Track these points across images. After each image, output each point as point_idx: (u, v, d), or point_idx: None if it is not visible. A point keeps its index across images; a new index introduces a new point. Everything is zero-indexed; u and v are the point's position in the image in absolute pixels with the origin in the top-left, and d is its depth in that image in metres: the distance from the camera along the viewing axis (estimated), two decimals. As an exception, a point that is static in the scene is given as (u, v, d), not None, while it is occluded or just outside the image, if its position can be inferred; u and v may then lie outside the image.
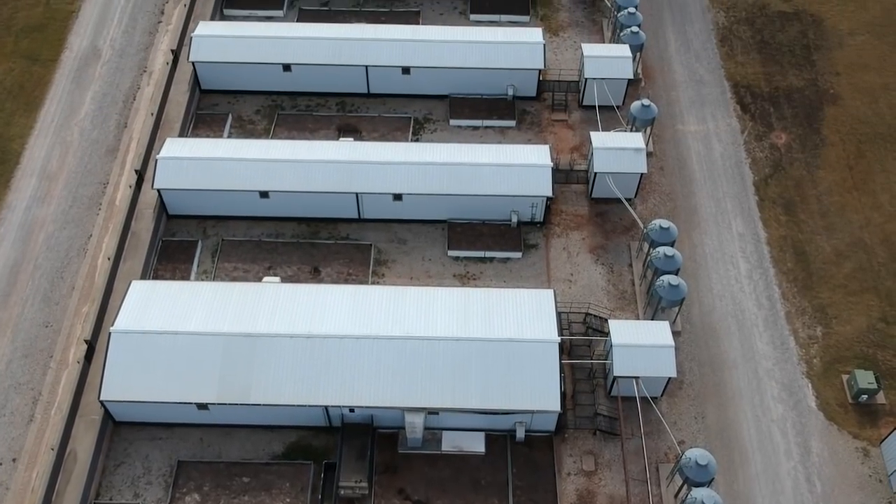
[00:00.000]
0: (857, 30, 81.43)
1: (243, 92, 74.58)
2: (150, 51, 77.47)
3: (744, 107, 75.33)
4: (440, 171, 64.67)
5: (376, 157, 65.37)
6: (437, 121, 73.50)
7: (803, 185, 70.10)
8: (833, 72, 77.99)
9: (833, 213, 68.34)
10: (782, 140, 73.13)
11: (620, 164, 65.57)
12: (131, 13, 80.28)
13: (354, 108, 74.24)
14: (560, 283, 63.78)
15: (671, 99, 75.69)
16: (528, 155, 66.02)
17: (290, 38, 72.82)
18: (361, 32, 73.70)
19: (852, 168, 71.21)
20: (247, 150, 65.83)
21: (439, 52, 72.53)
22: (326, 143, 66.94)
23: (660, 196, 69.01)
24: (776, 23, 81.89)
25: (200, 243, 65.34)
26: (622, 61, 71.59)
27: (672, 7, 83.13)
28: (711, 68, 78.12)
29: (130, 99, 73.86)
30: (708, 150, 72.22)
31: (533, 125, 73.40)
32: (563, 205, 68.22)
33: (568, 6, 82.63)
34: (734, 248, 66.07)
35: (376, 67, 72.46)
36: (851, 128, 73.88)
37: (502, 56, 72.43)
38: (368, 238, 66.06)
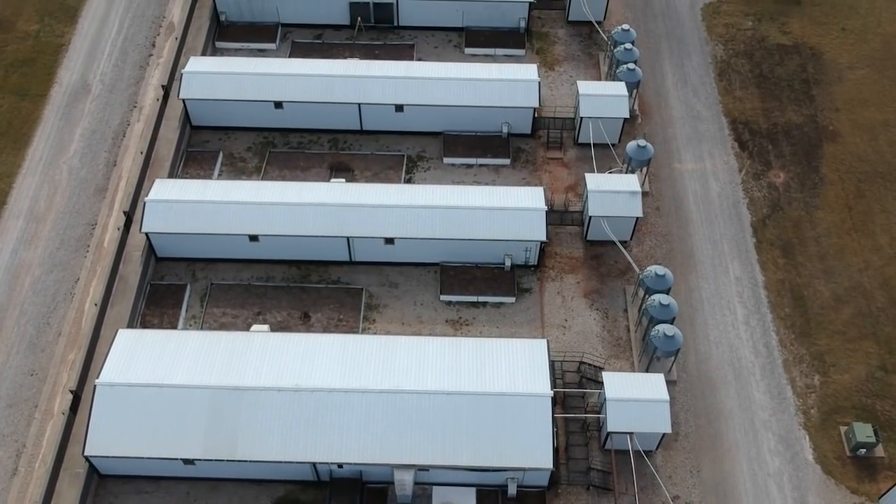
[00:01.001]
0: (857, 63, 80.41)
1: (235, 128, 73.65)
2: (141, 85, 76.52)
3: (742, 144, 74.34)
4: (432, 214, 63.69)
5: (368, 199, 64.41)
6: (430, 158, 72.52)
7: (802, 226, 69.08)
8: (832, 107, 76.97)
9: (832, 255, 67.32)
10: (780, 179, 72.12)
11: (615, 208, 64.55)
12: (122, 46, 79.35)
13: (347, 144, 73.28)
14: (554, 329, 62.79)
15: (668, 136, 74.69)
16: (522, 198, 65.03)
17: (282, 75, 71.88)
18: (354, 69, 72.77)
19: (851, 208, 70.18)
20: (236, 192, 64.89)
21: (433, 90, 71.57)
22: (317, 184, 65.99)
23: (656, 238, 68.00)
24: (775, 56, 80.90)
25: (189, 287, 64.38)
26: (618, 100, 70.59)
27: (670, 39, 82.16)
28: (709, 104, 77.11)
29: (120, 136, 72.91)
30: (705, 190, 71.21)
31: (528, 163, 72.43)
32: (558, 247, 67.23)
33: (564, 39, 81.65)
34: (731, 293, 65.05)
35: (369, 105, 71.52)
36: (851, 166, 72.86)
37: (497, 94, 71.47)
38: (360, 282, 65.11)
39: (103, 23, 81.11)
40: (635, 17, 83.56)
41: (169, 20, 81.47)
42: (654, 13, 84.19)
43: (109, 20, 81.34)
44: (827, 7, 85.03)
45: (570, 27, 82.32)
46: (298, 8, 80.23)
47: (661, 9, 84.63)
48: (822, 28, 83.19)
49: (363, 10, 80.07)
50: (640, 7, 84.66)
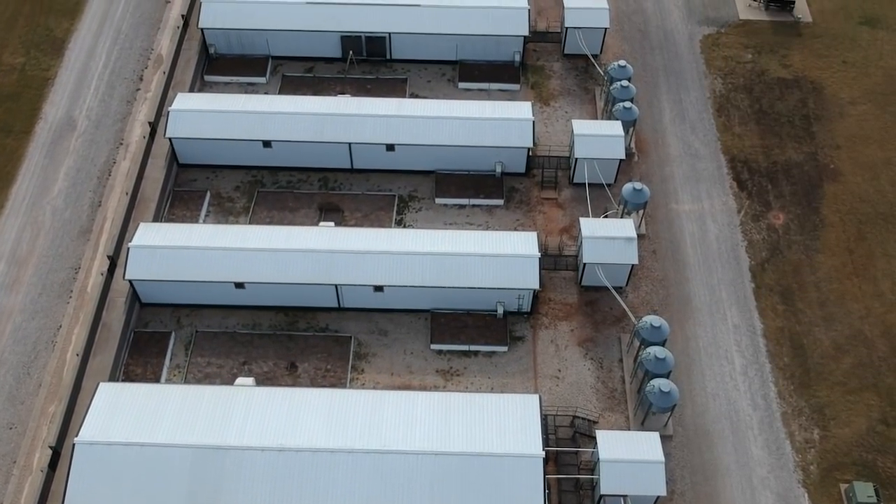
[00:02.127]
0: (859, 98, 78.82)
1: (223, 166, 72.14)
2: (128, 121, 75.00)
3: (740, 183, 72.76)
4: (423, 261, 62.16)
5: (357, 245, 62.88)
6: (422, 198, 70.98)
7: (801, 270, 67.49)
8: (833, 144, 75.39)
9: (832, 302, 65.74)
10: (780, 220, 70.53)
11: (611, 255, 63.01)
12: (109, 80, 77.83)
13: (337, 184, 71.73)
14: (547, 380, 61.23)
15: (665, 175, 73.12)
16: (515, 243, 63.47)
17: (271, 114, 70.39)
18: (344, 107, 71.23)
19: (852, 252, 68.59)
20: (222, 237, 63.36)
21: (425, 129, 70.03)
22: (305, 229, 64.48)
23: (652, 283, 66.42)
24: (775, 90, 79.30)
25: (174, 335, 62.84)
26: (614, 140, 69.04)
27: (668, 73, 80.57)
28: (707, 141, 75.53)
29: (106, 174, 71.41)
30: (703, 232, 69.64)
31: (521, 204, 70.86)
32: (552, 292, 65.68)
33: (560, 73, 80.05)
34: (729, 342, 63.49)
35: (360, 145, 70.01)
36: (852, 206, 71.28)
37: (490, 133, 69.93)
38: (348, 329, 63.55)
39: (90, 55, 79.62)
40: (632, 50, 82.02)
41: (157, 52, 79.98)
42: (651, 46, 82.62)
43: (97, 52, 79.84)
44: (828, 39, 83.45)
45: (565, 60, 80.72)
46: (289, 41, 78.68)
47: (659, 41, 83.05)
48: (823, 61, 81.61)
49: (355, 44, 78.55)
50: (638, 39, 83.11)
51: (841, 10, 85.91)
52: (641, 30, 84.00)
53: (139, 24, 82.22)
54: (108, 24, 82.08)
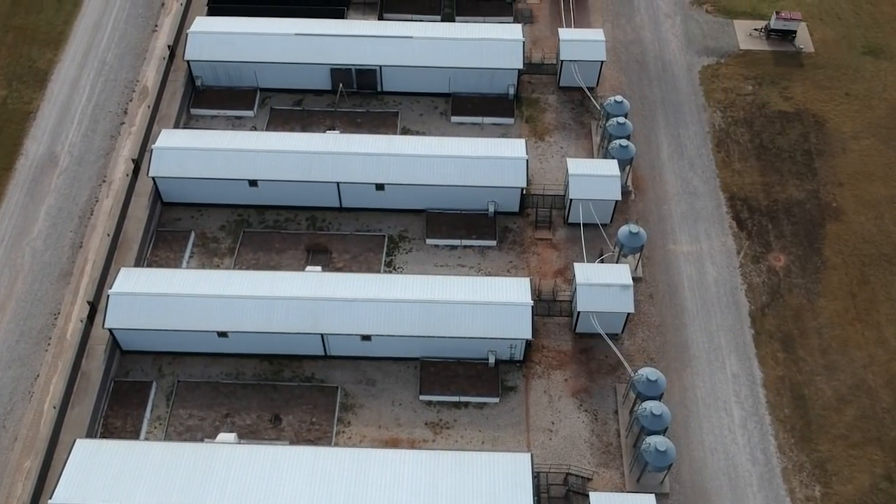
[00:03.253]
0: (862, 132, 76.80)
1: (208, 205, 70.19)
2: (111, 157, 73.06)
3: (740, 223, 70.75)
4: (411, 310, 60.20)
5: (343, 292, 60.93)
6: (412, 239, 69.00)
7: (803, 315, 65.50)
8: (836, 182, 73.39)
9: (834, 349, 63.74)
10: (781, 262, 68.56)
11: (606, 303, 61.05)
12: (92, 114, 75.87)
13: (326, 223, 69.77)
14: (540, 434, 59.25)
15: (662, 214, 71.13)
16: (508, 290, 61.49)
17: (257, 152, 68.42)
18: (333, 144, 69.28)
19: (855, 296, 66.57)
20: (205, 283, 61.40)
21: (415, 168, 68.06)
22: (290, 275, 62.53)
23: (649, 329, 64.44)
24: (776, 124, 77.27)
25: (155, 385, 60.89)
26: (610, 181, 67.06)
27: (666, 106, 78.55)
28: (706, 178, 73.53)
29: (87, 214, 69.47)
30: (701, 275, 67.65)
31: (515, 244, 68.89)
32: (545, 339, 63.71)
33: (555, 106, 78.04)
34: (728, 392, 61.49)
35: (349, 184, 68.07)
36: (855, 247, 69.28)
37: (482, 173, 67.95)
38: (335, 378, 61.60)
39: (74, 87, 77.67)
40: (630, 82, 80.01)
41: (143, 84, 78.03)
42: (649, 77, 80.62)
43: (80, 84, 77.89)
44: (830, 70, 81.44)
45: (561, 93, 78.71)
46: (277, 73, 76.71)
47: (657, 72, 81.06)
48: (825, 93, 79.59)
49: (345, 77, 76.58)
50: (635, 70, 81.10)
51: (843, 39, 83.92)
52: (639, 60, 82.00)
53: (124, 55, 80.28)
54: (93, 54, 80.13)
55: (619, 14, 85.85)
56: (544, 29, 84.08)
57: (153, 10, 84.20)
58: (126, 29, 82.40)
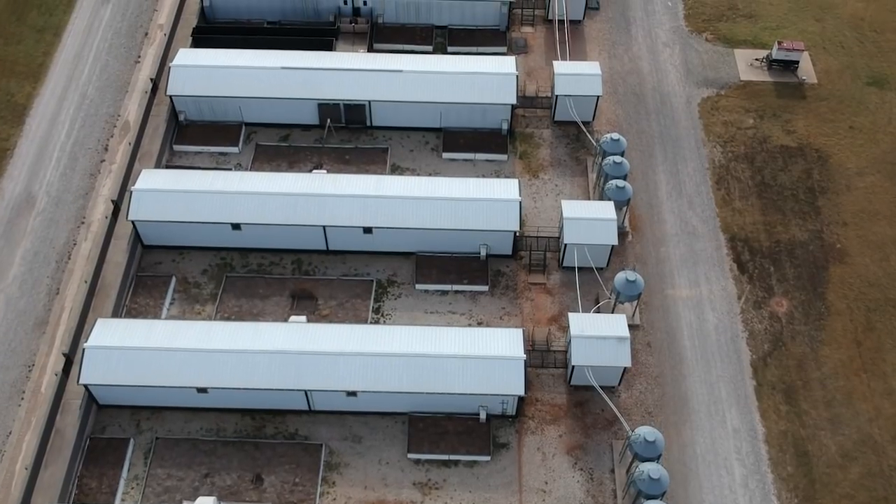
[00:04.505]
0: (867, 168, 74.35)
1: (190, 248, 67.79)
2: (91, 197, 70.58)
3: (741, 265, 68.31)
4: (399, 364, 57.80)
5: (328, 345, 58.51)
6: (401, 284, 66.60)
7: (806, 365, 63.08)
8: (840, 221, 70.94)
9: (839, 401, 61.33)
10: (783, 308, 66.12)
11: (601, 356, 58.64)
12: (71, 151, 73.37)
13: (311, 267, 67.35)
14: (532, 495, 56.82)
15: (660, 256, 68.69)
16: (500, 343, 59.07)
17: (240, 194, 65.97)
18: (319, 186, 66.84)
19: (861, 344, 64.16)
20: (184, 336, 58.98)
21: (404, 211, 65.65)
22: (273, 326, 60.11)
23: (646, 381, 62.02)
24: (778, 160, 74.83)
25: (132, 442, 58.46)
26: (606, 225, 64.62)
27: (664, 140, 76.09)
28: (706, 217, 71.08)
29: (65, 258, 67.03)
30: (701, 322, 65.21)
31: (508, 289, 66.47)
32: (539, 391, 61.31)
33: (550, 141, 75.57)
34: (728, 448, 59.08)
35: (335, 228, 65.67)
36: (860, 292, 66.84)
37: (474, 216, 65.50)
38: (319, 435, 59.15)
39: (53, 123, 75.16)
40: (627, 115, 77.53)
41: (124, 119, 75.55)
42: (647, 110, 78.14)
43: (60, 120, 75.41)
44: (834, 102, 78.99)
45: (556, 128, 76.24)
46: (263, 108, 74.27)
47: (655, 105, 78.58)
48: (828, 126, 77.15)
49: (333, 112, 74.12)
50: (633, 103, 78.63)
51: (847, 69, 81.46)
52: (637, 92, 79.53)
53: (106, 88, 77.78)
54: (73, 87, 77.65)
55: (616, 43, 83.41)
56: (539, 59, 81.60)
57: (136, 40, 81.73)
58: (108, 60, 79.91)
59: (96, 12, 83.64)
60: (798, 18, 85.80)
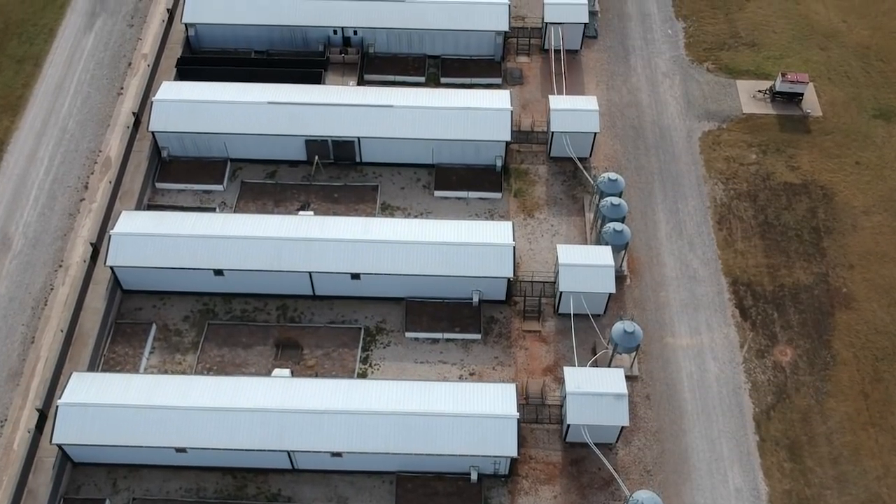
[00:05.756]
0: (873, 207, 71.79)
1: (171, 292, 65.32)
2: (70, 238, 68.06)
3: (743, 311, 65.79)
4: (386, 423, 55.28)
5: (312, 402, 56.02)
6: (391, 331, 64.10)
7: (811, 419, 60.58)
8: (846, 264, 68.41)
9: (845, 458, 58.83)
10: (787, 357, 63.62)
11: (598, 415, 56.15)
12: (50, 189, 70.84)
13: (297, 313, 64.85)
14: (525, 560, 54.54)
15: (660, 302, 66.18)
16: (492, 399, 56.54)
17: (222, 238, 63.41)
18: (305, 229, 64.29)
19: (868, 396, 61.66)
20: (162, 392, 56.46)
21: (393, 256, 63.13)
22: (256, 381, 57.60)
23: (645, 436, 59.51)
24: (782, 198, 72.26)
25: (108, 502, 55.93)
26: (603, 272, 62.13)
27: (664, 177, 73.51)
28: (707, 259, 68.55)
29: (41, 303, 64.56)
30: (702, 372, 62.72)
31: (501, 337, 63.95)
32: (533, 448, 58.81)
33: (545, 178, 73.01)
34: (730, 510, 56.75)
35: (322, 274, 63.19)
36: (867, 340, 64.32)
37: (466, 261, 62.97)
38: (303, 495, 56.60)
39: (31, 159, 72.61)
40: (625, 151, 74.96)
41: (106, 154, 72.98)
42: (646, 145, 75.57)
43: (38, 156, 72.87)
44: (839, 136, 76.42)
45: (552, 164, 73.65)
46: (249, 144, 71.76)
47: (655, 140, 76.00)
48: (834, 162, 74.60)
49: (321, 148, 71.59)
50: (631, 138, 76.05)
51: (853, 100, 78.89)
52: (635, 126, 76.96)
53: (87, 122, 75.24)
54: (53, 121, 75.13)
55: (615, 74, 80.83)
56: (535, 91, 79.01)
57: (119, 70, 79.20)
58: (90, 92, 77.36)
59: (78, 42, 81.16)
60: (802, 47, 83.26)
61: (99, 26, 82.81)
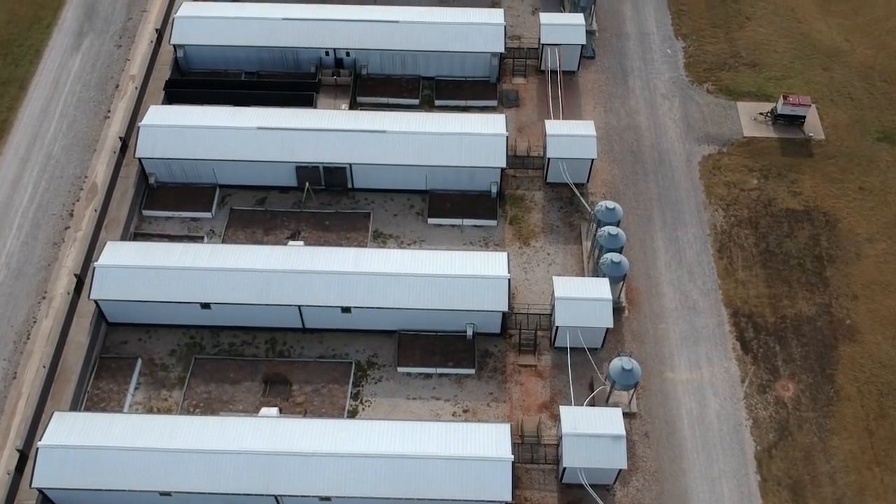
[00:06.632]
0: (878, 234, 70.12)
1: (157, 325, 63.67)
2: (54, 268, 66.39)
3: (744, 344, 64.13)
4: (376, 466, 53.65)
5: (300, 444, 54.38)
6: (382, 366, 62.43)
7: (814, 457, 58.93)
8: (850, 294, 66.73)
9: (849, 499, 57.16)
10: (790, 392, 61.97)
11: (594, 457, 54.47)
12: (34, 218, 69.10)
13: (287, 347, 63.20)
14: None
15: (659, 334, 64.52)
16: (486, 440, 54.95)
17: (209, 270, 61.69)
18: (295, 260, 62.60)
19: (872, 433, 60.02)
20: (145, 434, 54.73)
21: (384, 289, 61.44)
22: (242, 421, 55.94)
23: (644, 477, 57.85)
24: (784, 225, 70.58)
25: (89, 549, 54.58)
26: (600, 305, 60.47)
27: (663, 204, 71.82)
28: (707, 289, 66.88)
29: (24, 337, 62.89)
30: (702, 409, 61.05)
31: (496, 372, 62.31)
32: (528, 489, 57.09)
33: (541, 204, 71.28)
34: (731, 555, 55.14)
35: (311, 308, 61.54)
36: (871, 374, 62.68)
37: (460, 294, 61.28)
38: (292, 539, 55.20)
39: (15, 186, 70.91)
40: (624, 176, 73.25)
41: (92, 180, 71.26)
42: (645, 170, 73.87)
43: (22, 182, 71.17)
44: (842, 160, 74.74)
45: (548, 189, 71.92)
46: (238, 170, 70.03)
47: (653, 164, 74.31)
48: (836, 187, 72.91)
49: (312, 174, 69.91)
50: (630, 162, 74.34)
51: (856, 123, 77.19)
52: (634, 150, 75.26)
53: (72, 147, 73.53)
54: (38, 146, 73.39)
55: (613, 95, 79.11)
56: (531, 113, 77.30)
57: (106, 93, 77.47)
58: (76, 116, 75.65)
59: (65, 63, 79.45)
60: (804, 67, 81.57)
61: (86, 47, 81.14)
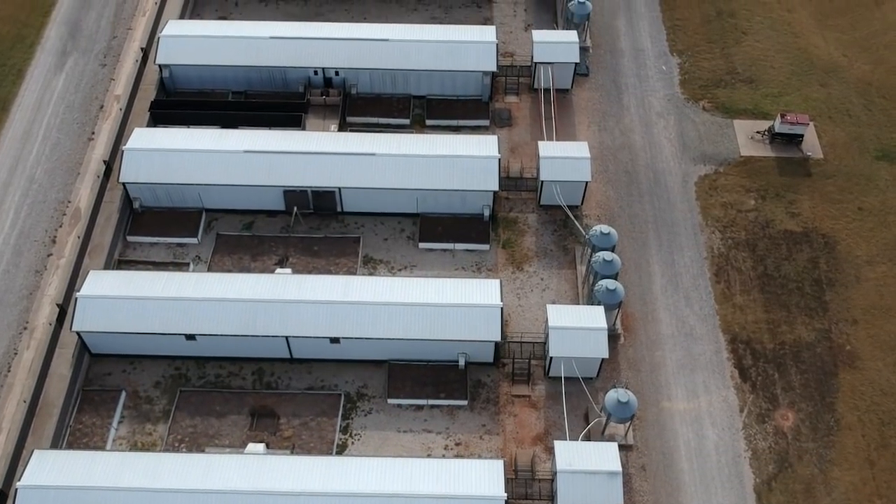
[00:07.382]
0: (877, 256, 68.78)
1: (142, 356, 62.14)
2: (35, 297, 64.78)
3: (743, 371, 62.75)
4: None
5: (288, 483, 52.85)
6: (372, 397, 60.94)
7: (814, 490, 57.54)
8: (849, 319, 65.39)
9: (852, 533, 56.01)
10: (789, 421, 60.59)
11: (591, 496, 52.95)
12: (16, 244, 67.54)
13: (274, 378, 61.69)
14: None
15: (655, 362, 63.12)
16: (478, 478, 53.43)
17: (194, 300, 60.20)
18: (282, 289, 61.11)
19: (874, 464, 58.66)
20: (128, 473, 53.14)
21: (374, 319, 59.97)
22: (227, 458, 54.42)
23: (640, 511, 56.64)
24: (782, 247, 69.21)
25: (71, 591, 52.97)
26: (595, 335, 59.06)
27: (658, 226, 70.41)
28: (704, 315, 65.49)
29: (4, 369, 61.25)
30: (700, 440, 59.66)
31: (489, 403, 60.86)
32: (523, 526, 55.91)
33: (535, 228, 69.85)
34: None
35: (299, 339, 60.07)
36: (872, 402, 61.31)
37: (452, 323, 59.85)
38: (280, 580, 53.64)
39: (-5, 213, 69.66)
40: (619, 197, 71.84)
41: (75, 205, 69.66)
42: (640, 191, 72.44)
43: (4, 207, 69.52)
44: (841, 179, 73.39)
45: (542, 212, 70.53)
46: (224, 194, 68.55)
47: (649, 185, 72.89)
48: (835, 208, 71.55)
49: (300, 199, 68.44)
50: (624, 183, 72.93)
51: (855, 141, 75.87)
52: (629, 171, 73.84)
53: (55, 170, 71.95)
54: (20, 169, 71.83)
55: (607, 114, 77.69)
56: (524, 133, 75.87)
57: (90, 114, 75.88)
58: (59, 138, 74.04)
59: (48, 83, 77.87)
60: (801, 83, 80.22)
61: (70, 66, 79.56)
